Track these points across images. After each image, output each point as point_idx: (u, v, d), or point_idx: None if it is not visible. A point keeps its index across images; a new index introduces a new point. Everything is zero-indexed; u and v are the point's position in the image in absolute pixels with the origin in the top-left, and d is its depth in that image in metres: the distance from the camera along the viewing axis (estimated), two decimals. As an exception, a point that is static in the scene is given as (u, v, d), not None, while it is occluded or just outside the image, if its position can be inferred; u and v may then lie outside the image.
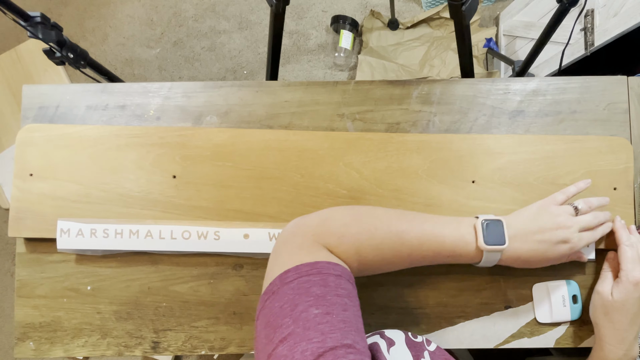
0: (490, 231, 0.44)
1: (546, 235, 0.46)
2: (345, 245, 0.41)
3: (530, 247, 0.46)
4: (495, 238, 0.44)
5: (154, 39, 1.56)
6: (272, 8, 0.82)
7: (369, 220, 0.43)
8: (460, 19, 0.71)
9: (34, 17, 0.71)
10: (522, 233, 0.46)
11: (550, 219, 0.47)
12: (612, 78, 0.57)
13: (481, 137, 0.55)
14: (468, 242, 0.44)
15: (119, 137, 0.55)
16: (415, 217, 0.45)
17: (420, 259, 0.45)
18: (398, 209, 0.46)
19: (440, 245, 0.44)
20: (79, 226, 0.53)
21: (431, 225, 0.44)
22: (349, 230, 0.42)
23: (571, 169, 0.54)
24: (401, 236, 0.43)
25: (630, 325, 0.48)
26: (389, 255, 0.43)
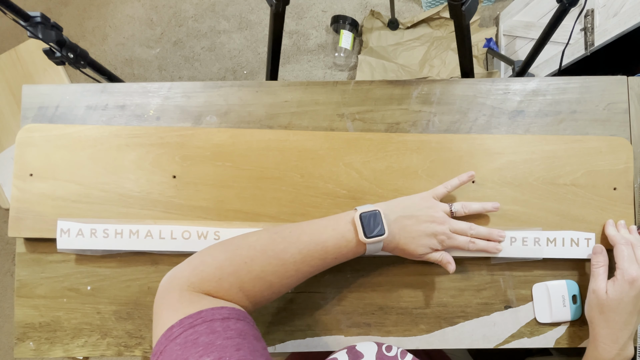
0: (369, 223, 0.45)
1: (419, 226, 0.48)
2: (225, 287, 0.41)
3: (406, 234, 0.47)
4: (375, 229, 0.44)
5: (153, 39, 1.56)
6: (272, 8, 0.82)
7: (242, 253, 0.42)
8: (460, 19, 0.71)
9: (34, 17, 0.71)
10: (399, 221, 0.47)
11: (426, 211, 0.49)
12: (612, 78, 0.57)
13: (481, 137, 0.55)
14: (349, 239, 0.45)
15: (119, 137, 0.55)
16: (291, 231, 0.45)
17: (310, 269, 0.45)
18: (273, 228, 0.45)
19: (323, 252, 0.44)
20: (79, 226, 0.53)
21: (309, 235, 0.44)
22: (224, 272, 0.41)
23: (571, 169, 0.54)
24: (281, 257, 0.43)
25: (625, 324, 0.48)
26: (275, 280, 0.43)
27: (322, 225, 0.46)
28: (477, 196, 0.54)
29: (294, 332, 0.54)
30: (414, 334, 0.54)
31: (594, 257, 0.52)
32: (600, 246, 0.52)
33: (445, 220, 0.49)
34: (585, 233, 0.53)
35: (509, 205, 0.54)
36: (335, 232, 0.45)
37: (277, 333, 0.54)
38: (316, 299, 0.55)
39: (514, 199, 0.54)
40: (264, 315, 0.55)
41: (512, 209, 0.54)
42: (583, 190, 0.54)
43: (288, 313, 0.55)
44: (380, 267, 0.55)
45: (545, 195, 0.54)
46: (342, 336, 0.54)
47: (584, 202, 0.54)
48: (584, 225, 0.54)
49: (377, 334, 0.54)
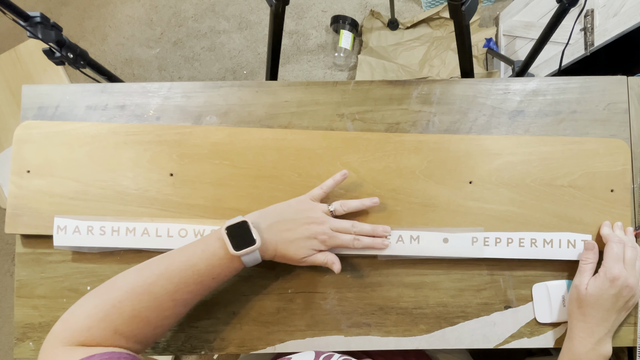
0: (237, 235, 0.44)
1: (297, 230, 0.47)
2: (98, 334, 0.40)
3: (283, 239, 0.47)
4: (245, 241, 0.44)
5: (153, 39, 1.56)
6: (272, 8, 0.82)
7: (110, 296, 0.42)
8: (460, 19, 0.71)
9: (34, 17, 0.71)
10: (274, 226, 0.47)
11: (303, 213, 0.48)
12: (612, 78, 0.57)
13: (479, 137, 0.55)
14: (221, 256, 0.44)
15: (117, 135, 0.55)
16: (159, 263, 0.44)
17: (190, 295, 0.44)
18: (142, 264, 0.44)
19: (197, 275, 0.44)
20: (76, 223, 0.53)
21: (178, 262, 0.44)
22: (93, 319, 0.40)
23: (569, 170, 0.54)
24: (151, 291, 0.42)
25: (602, 320, 0.48)
26: (151, 315, 0.42)
27: (192, 249, 0.45)
28: (474, 197, 0.54)
29: (294, 332, 0.54)
30: (414, 334, 0.54)
31: (584, 253, 0.52)
32: (592, 243, 0.52)
33: (325, 219, 0.49)
34: (582, 235, 0.53)
35: (506, 206, 0.54)
36: (205, 252, 0.44)
37: (277, 333, 0.54)
38: (316, 299, 0.55)
39: (511, 200, 0.54)
40: (263, 315, 0.55)
41: (509, 210, 0.54)
42: (580, 191, 0.54)
43: (288, 313, 0.55)
44: (380, 267, 0.55)
45: (542, 196, 0.54)
46: (342, 336, 0.54)
47: (581, 204, 0.54)
48: (581, 227, 0.54)
49: (377, 334, 0.54)
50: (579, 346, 0.48)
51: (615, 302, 0.48)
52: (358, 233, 0.50)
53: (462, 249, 0.53)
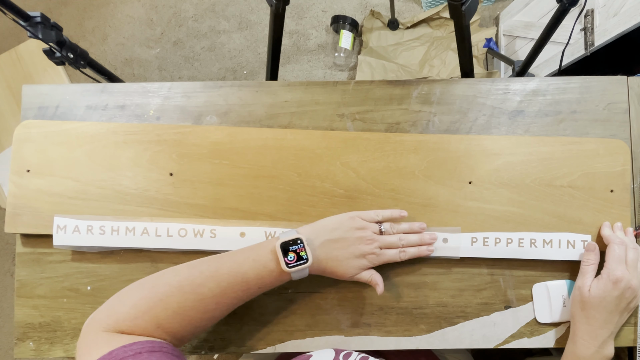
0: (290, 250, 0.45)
1: (348, 249, 0.48)
2: (142, 325, 0.41)
3: (333, 257, 0.47)
4: (297, 256, 0.45)
5: (153, 39, 1.56)
6: (272, 8, 0.82)
7: (158, 290, 0.42)
8: (460, 19, 0.71)
9: (34, 17, 0.71)
10: (326, 245, 0.47)
11: (355, 233, 0.48)
12: (612, 78, 0.57)
13: (478, 137, 0.55)
14: (271, 269, 0.45)
15: (116, 134, 0.55)
16: (209, 265, 0.44)
17: (233, 301, 0.45)
18: (192, 262, 0.45)
19: (245, 283, 0.44)
20: (76, 222, 0.53)
21: (228, 267, 0.44)
22: (139, 310, 0.41)
23: (568, 170, 0.54)
24: (198, 292, 0.43)
25: (605, 323, 0.48)
26: (195, 315, 0.43)
27: (243, 256, 0.45)
28: (474, 197, 0.54)
29: (294, 332, 0.54)
30: (414, 334, 0.54)
31: (586, 254, 0.52)
32: (593, 244, 0.52)
33: (373, 238, 0.49)
34: (581, 235, 0.53)
35: (505, 207, 0.54)
36: (256, 262, 0.45)
37: (277, 333, 0.54)
38: (316, 299, 0.55)
39: (510, 200, 0.54)
40: (263, 315, 0.55)
41: (508, 210, 0.54)
42: (580, 192, 0.54)
43: (288, 313, 0.55)
44: (380, 268, 0.55)
45: (542, 196, 0.54)
46: (342, 336, 0.54)
47: (581, 204, 0.54)
48: (580, 227, 0.54)
49: (377, 334, 0.54)
50: (583, 349, 0.48)
51: (618, 304, 0.48)
52: (405, 245, 0.51)
53: (461, 249, 0.53)
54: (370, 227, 0.50)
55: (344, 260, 0.48)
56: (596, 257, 0.51)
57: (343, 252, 0.48)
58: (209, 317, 0.44)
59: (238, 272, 0.44)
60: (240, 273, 0.44)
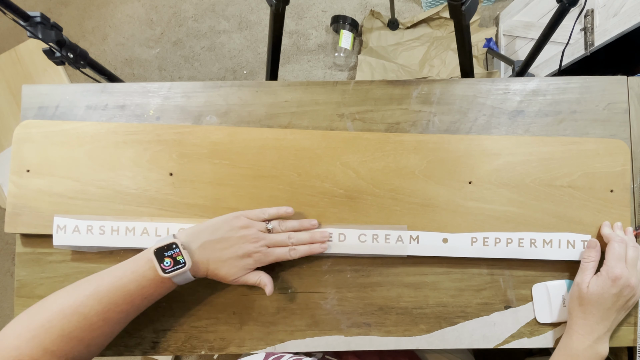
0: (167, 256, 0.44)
1: (230, 249, 0.47)
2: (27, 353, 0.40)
3: (215, 259, 0.46)
4: (175, 261, 0.44)
5: (153, 39, 1.56)
6: (272, 8, 0.82)
7: (39, 317, 0.42)
8: (460, 19, 0.71)
9: (34, 17, 0.71)
10: (206, 246, 0.46)
11: (238, 232, 0.47)
12: (612, 78, 0.57)
13: (478, 137, 0.55)
14: (151, 278, 0.44)
15: (116, 134, 0.55)
16: (89, 283, 0.44)
17: (123, 315, 0.45)
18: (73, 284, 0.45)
19: (128, 296, 0.44)
20: (75, 222, 0.53)
21: (107, 283, 0.44)
22: (22, 339, 0.41)
23: (568, 170, 0.54)
24: (80, 312, 0.42)
25: (602, 319, 0.48)
26: (82, 335, 0.43)
27: (122, 269, 0.45)
28: (474, 197, 0.54)
29: (294, 332, 0.54)
30: (414, 334, 0.54)
31: (587, 251, 0.52)
32: (595, 241, 0.52)
33: (259, 237, 0.48)
34: (581, 235, 0.53)
35: (505, 207, 0.54)
36: (135, 274, 0.44)
37: (277, 333, 0.54)
38: (316, 299, 0.55)
39: (510, 200, 0.54)
40: (263, 315, 0.55)
41: (508, 210, 0.54)
42: (580, 192, 0.54)
43: (288, 313, 0.55)
44: (380, 267, 0.55)
45: (542, 196, 0.54)
46: (342, 336, 0.54)
47: (581, 204, 0.54)
48: (580, 227, 0.54)
49: (377, 334, 0.54)
50: (577, 343, 0.48)
51: (616, 301, 0.48)
52: (295, 243, 0.50)
53: (461, 249, 0.53)
54: (256, 225, 0.49)
55: (228, 261, 0.47)
56: (597, 254, 0.51)
57: (226, 253, 0.47)
58: (98, 335, 0.44)
59: (118, 287, 0.44)
60: (120, 287, 0.44)
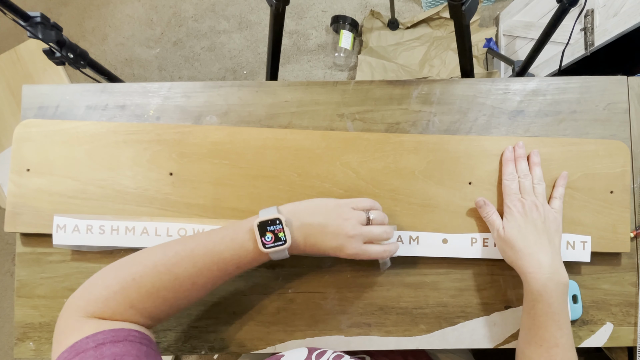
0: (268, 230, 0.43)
1: (325, 236, 0.45)
2: (113, 306, 0.40)
3: (311, 243, 0.45)
4: (276, 237, 0.43)
5: (153, 39, 1.56)
6: (272, 8, 0.81)
7: (131, 270, 0.41)
8: (460, 19, 0.71)
9: (34, 17, 0.71)
10: (304, 228, 0.45)
11: (337, 222, 0.45)
12: (612, 78, 0.57)
13: (478, 138, 0.55)
14: (248, 249, 0.43)
15: (116, 134, 0.55)
16: (185, 244, 0.43)
17: (211, 281, 0.44)
18: (168, 242, 0.44)
19: (222, 263, 0.43)
20: (75, 222, 0.53)
21: (204, 247, 0.43)
22: (110, 290, 0.40)
23: (568, 171, 0.54)
24: (173, 272, 0.42)
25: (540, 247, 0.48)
26: (170, 295, 0.42)
27: (220, 235, 0.44)
28: (473, 197, 0.54)
29: (294, 332, 0.54)
30: (414, 334, 0.54)
31: (481, 211, 0.53)
32: (480, 199, 0.53)
33: (356, 232, 0.45)
34: (581, 236, 0.53)
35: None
36: (234, 242, 0.43)
37: (277, 333, 0.54)
38: (316, 299, 0.55)
39: None
40: (264, 315, 0.55)
41: None
42: (580, 193, 0.54)
43: (288, 313, 0.55)
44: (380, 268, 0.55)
45: None
46: (342, 336, 0.54)
47: (581, 205, 0.54)
48: (580, 228, 0.54)
49: (377, 334, 0.54)
50: (534, 282, 0.47)
51: (535, 227, 0.49)
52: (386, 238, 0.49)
53: (461, 250, 0.53)
54: (355, 216, 0.46)
55: (321, 248, 0.46)
56: (490, 207, 0.52)
57: (320, 239, 0.45)
58: (184, 297, 0.43)
59: (215, 252, 0.43)
60: (216, 252, 0.43)
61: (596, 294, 0.55)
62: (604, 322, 0.55)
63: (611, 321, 0.55)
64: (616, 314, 0.55)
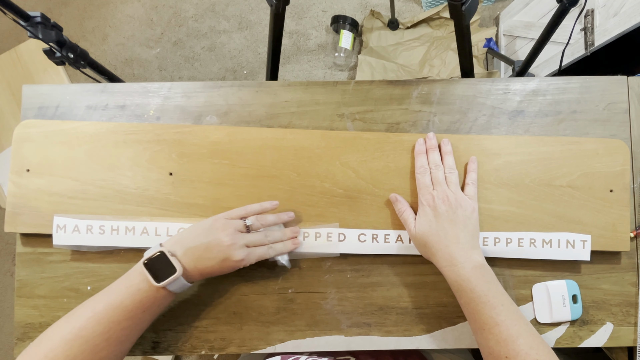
0: (156, 267, 0.45)
1: (211, 253, 0.47)
2: None
3: (202, 266, 0.47)
4: (167, 270, 0.44)
5: (153, 39, 1.56)
6: (272, 8, 0.82)
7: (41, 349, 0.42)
8: (460, 19, 0.71)
9: (34, 17, 0.71)
10: (189, 253, 0.46)
11: (215, 235, 0.47)
12: (612, 78, 0.57)
13: (478, 137, 0.55)
14: (146, 289, 0.44)
15: (116, 134, 0.55)
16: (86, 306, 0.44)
17: (126, 332, 0.45)
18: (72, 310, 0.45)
19: (126, 312, 0.44)
20: (75, 222, 0.53)
21: (104, 303, 0.44)
22: None
23: (568, 170, 0.54)
24: (82, 336, 0.43)
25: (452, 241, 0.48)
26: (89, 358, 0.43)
27: (116, 287, 0.45)
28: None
29: (294, 332, 0.54)
30: (414, 334, 0.54)
31: (395, 205, 0.53)
32: (393, 196, 0.53)
33: (237, 239, 0.48)
34: (581, 235, 0.53)
35: (505, 206, 0.54)
36: (129, 288, 0.44)
37: (277, 333, 0.54)
38: (316, 299, 0.55)
39: (510, 200, 0.54)
40: (264, 315, 0.55)
41: (508, 210, 0.54)
42: (579, 192, 0.54)
43: (288, 313, 0.55)
44: (380, 267, 0.55)
45: (541, 196, 0.54)
46: (342, 336, 0.54)
47: (580, 204, 0.54)
48: (579, 227, 0.54)
49: (377, 334, 0.54)
50: (449, 274, 0.48)
51: (446, 218, 0.49)
52: (272, 241, 0.51)
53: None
54: (233, 224, 0.49)
55: (214, 265, 0.47)
56: (403, 203, 0.53)
57: (209, 257, 0.47)
58: (105, 356, 0.44)
59: (115, 305, 0.44)
60: (117, 304, 0.44)
61: (596, 294, 0.55)
62: (604, 322, 0.55)
63: (611, 321, 0.55)
64: (616, 314, 0.55)
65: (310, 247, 0.54)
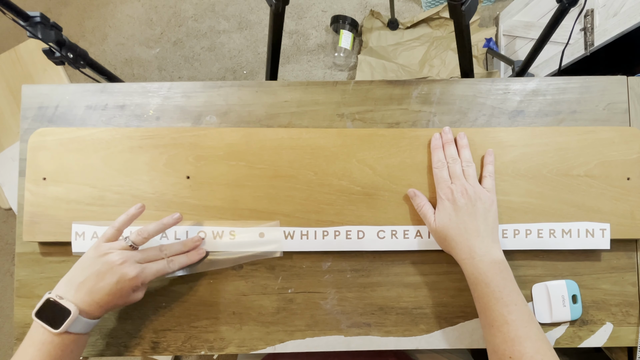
0: (50, 314, 0.43)
1: (104, 281, 0.45)
2: None
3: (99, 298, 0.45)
4: (60, 315, 0.43)
5: (153, 39, 1.56)
6: (272, 8, 0.82)
7: None
8: (460, 19, 0.71)
9: (34, 17, 0.71)
10: (81, 288, 0.44)
11: (102, 260, 0.45)
12: (612, 78, 0.57)
13: (494, 130, 0.55)
14: (50, 341, 0.43)
15: (132, 139, 0.55)
16: None
17: None
18: None
19: None
20: (94, 229, 0.53)
21: None
22: None
23: (584, 160, 0.54)
24: None
25: (469, 233, 0.48)
26: None
27: (22, 350, 0.43)
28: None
29: (294, 332, 0.54)
30: (414, 334, 0.54)
31: (414, 200, 0.53)
32: (412, 190, 0.53)
33: (126, 258, 0.46)
34: (600, 224, 0.53)
35: (523, 198, 0.54)
36: (34, 346, 0.43)
37: (277, 333, 0.54)
38: (316, 299, 0.55)
39: (528, 191, 0.54)
40: (263, 315, 0.55)
41: (526, 201, 0.54)
42: (597, 180, 0.54)
43: (288, 313, 0.55)
44: (380, 267, 0.55)
45: (559, 186, 0.54)
46: (342, 336, 0.54)
47: (598, 193, 0.54)
48: (598, 216, 0.53)
49: (377, 334, 0.54)
50: (468, 267, 0.47)
51: (466, 212, 0.49)
52: (170, 255, 0.50)
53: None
54: (114, 246, 0.47)
55: (111, 292, 0.45)
56: (421, 198, 0.52)
57: (103, 286, 0.45)
58: None
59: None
60: None
61: (596, 294, 0.55)
62: (603, 322, 0.55)
63: (611, 321, 0.55)
64: (616, 314, 0.55)
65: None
